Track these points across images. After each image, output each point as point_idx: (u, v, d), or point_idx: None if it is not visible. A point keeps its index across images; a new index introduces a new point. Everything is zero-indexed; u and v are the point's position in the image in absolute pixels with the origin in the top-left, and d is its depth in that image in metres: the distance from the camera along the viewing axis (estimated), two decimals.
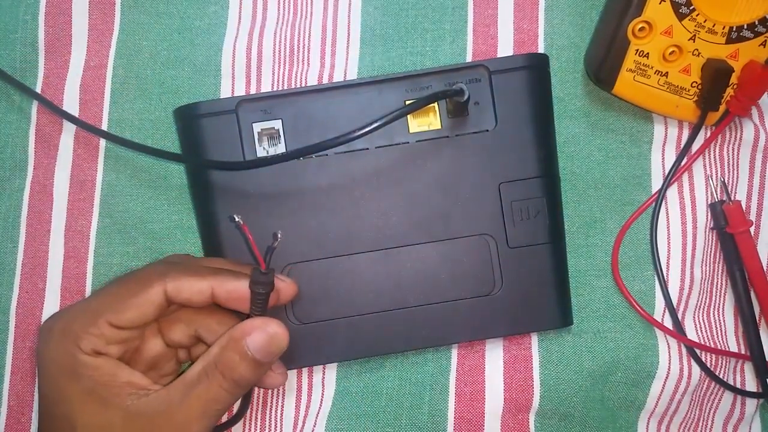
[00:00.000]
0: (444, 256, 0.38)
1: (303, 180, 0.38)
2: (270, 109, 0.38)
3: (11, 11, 0.42)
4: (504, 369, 0.39)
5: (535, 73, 0.39)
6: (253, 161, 0.37)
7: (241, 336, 0.33)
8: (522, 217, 0.38)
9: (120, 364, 0.33)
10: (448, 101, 0.38)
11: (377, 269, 0.38)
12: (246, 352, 0.33)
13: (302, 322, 0.38)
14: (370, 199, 0.38)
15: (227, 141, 0.38)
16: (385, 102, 0.38)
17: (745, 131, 0.42)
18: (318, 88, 0.38)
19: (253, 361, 0.33)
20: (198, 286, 0.34)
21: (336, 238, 0.38)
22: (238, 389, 0.33)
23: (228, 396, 0.33)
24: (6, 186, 0.42)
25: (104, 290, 0.35)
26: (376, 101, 0.38)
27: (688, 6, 0.38)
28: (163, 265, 0.35)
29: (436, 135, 0.38)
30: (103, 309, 0.33)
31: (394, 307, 0.38)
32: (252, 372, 0.33)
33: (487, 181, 0.38)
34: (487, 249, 0.38)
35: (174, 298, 0.34)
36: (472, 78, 0.38)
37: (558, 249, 0.39)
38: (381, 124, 0.34)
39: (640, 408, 0.40)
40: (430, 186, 0.38)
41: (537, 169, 0.38)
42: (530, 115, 0.38)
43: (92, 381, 0.33)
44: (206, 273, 0.34)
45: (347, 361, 0.40)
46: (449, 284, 0.38)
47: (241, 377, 0.33)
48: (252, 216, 0.38)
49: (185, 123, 0.39)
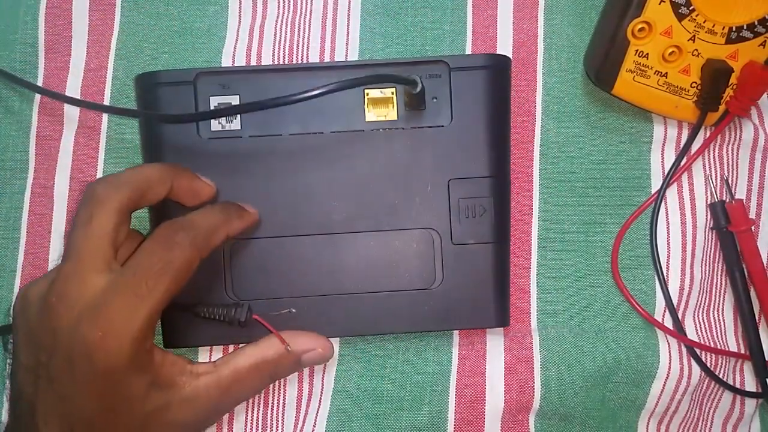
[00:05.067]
0: (387, 246, 0.39)
1: (255, 158, 0.38)
2: (228, 84, 0.38)
3: (11, 12, 0.42)
4: (505, 370, 0.39)
5: (494, 74, 0.39)
6: (202, 113, 0.38)
7: (301, 353, 0.37)
8: (468, 215, 0.39)
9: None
10: (406, 94, 0.38)
11: (320, 253, 0.39)
12: (299, 364, 0.37)
13: (241, 299, 0.38)
14: (320, 183, 0.38)
15: (183, 112, 0.38)
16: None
17: (744, 131, 0.42)
18: (278, 67, 0.39)
19: (299, 369, 0.39)
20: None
21: (282, 219, 0.38)
22: (272, 383, 0.39)
23: (263, 388, 0.38)
24: (7, 188, 0.42)
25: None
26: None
27: (687, 6, 0.38)
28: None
29: (392, 126, 0.39)
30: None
31: (333, 293, 0.39)
32: (291, 373, 0.39)
33: (437, 177, 0.39)
34: (430, 243, 0.39)
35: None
36: (432, 73, 0.39)
37: (501, 249, 0.39)
38: (325, 91, 0.34)
39: (640, 408, 0.40)
40: (380, 176, 0.39)
41: (487, 168, 0.39)
42: (485, 115, 0.39)
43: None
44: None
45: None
46: (390, 275, 0.39)
47: (281, 377, 0.39)
48: None
49: (143, 90, 0.39)
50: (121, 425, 0.33)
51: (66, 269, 0.33)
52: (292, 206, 0.38)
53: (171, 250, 0.33)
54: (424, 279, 0.39)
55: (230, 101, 0.39)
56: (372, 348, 0.40)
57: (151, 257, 0.33)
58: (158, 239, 0.33)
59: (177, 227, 0.34)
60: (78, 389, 0.32)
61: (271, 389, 0.40)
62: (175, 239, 0.33)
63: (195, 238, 0.34)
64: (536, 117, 0.42)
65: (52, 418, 0.33)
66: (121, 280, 0.32)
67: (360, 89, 0.38)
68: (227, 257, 0.38)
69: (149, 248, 0.33)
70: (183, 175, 0.37)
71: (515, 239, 0.41)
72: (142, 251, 0.33)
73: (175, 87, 0.38)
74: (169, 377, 0.34)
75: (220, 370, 0.36)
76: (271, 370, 0.37)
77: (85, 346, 0.31)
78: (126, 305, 0.32)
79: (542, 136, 0.42)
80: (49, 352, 0.33)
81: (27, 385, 0.34)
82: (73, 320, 0.32)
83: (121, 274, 0.33)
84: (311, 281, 0.39)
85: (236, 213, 0.37)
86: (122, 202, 0.34)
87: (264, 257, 0.39)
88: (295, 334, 0.37)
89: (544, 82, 0.42)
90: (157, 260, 0.33)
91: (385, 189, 0.39)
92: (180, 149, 0.38)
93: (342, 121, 0.39)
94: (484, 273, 0.39)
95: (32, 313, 0.34)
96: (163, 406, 0.34)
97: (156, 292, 0.32)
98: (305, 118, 0.39)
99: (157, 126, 0.39)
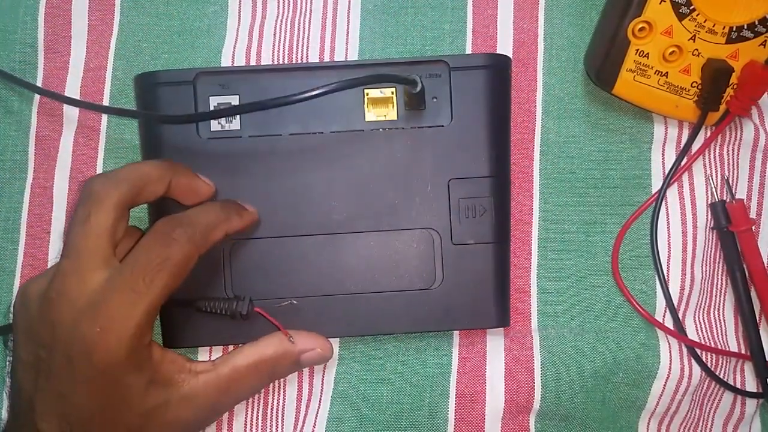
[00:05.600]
0: (387, 246, 0.39)
1: (255, 158, 0.38)
2: (228, 84, 0.38)
3: (11, 12, 0.42)
4: (505, 370, 0.39)
5: (494, 73, 0.39)
6: (201, 114, 0.38)
7: (300, 352, 0.37)
8: (468, 215, 0.39)
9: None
10: (406, 93, 0.38)
11: (320, 253, 0.39)
12: (298, 364, 0.37)
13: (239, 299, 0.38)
14: (320, 183, 0.38)
15: (183, 112, 0.38)
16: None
17: (745, 131, 0.42)
18: (278, 67, 0.39)
19: (298, 369, 0.38)
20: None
21: (282, 219, 0.38)
22: (271, 383, 0.39)
23: (262, 387, 0.38)
24: (6, 188, 0.42)
25: None
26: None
27: (688, 6, 0.38)
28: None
29: (392, 126, 0.39)
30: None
31: (333, 293, 0.39)
32: (290, 373, 0.39)
33: (437, 176, 0.39)
34: (430, 243, 0.39)
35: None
36: (432, 73, 0.39)
37: (501, 249, 0.39)
38: (326, 92, 0.34)
39: (640, 408, 0.40)
40: (380, 176, 0.39)
41: (488, 168, 0.39)
42: (486, 115, 0.39)
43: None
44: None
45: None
46: (390, 275, 0.39)
47: (281, 377, 0.39)
48: None
49: (143, 90, 0.39)
50: (120, 423, 0.33)
51: (65, 266, 0.33)
52: (291, 206, 0.38)
53: (169, 246, 0.33)
54: (424, 279, 0.39)
55: (230, 101, 0.39)
56: (372, 348, 0.40)
57: (149, 253, 0.33)
58: (156, 235, 0.33)
59: (175, 223, 0.34)
60: (76, 385, 0.32)
61: (271, 389, 0.40)
62: (172, 235, 0.33)
63: (193, 235, 0.34)
64: (536, 117, 0.42)
65: (50, 416, 0.33)
66: (119, 276, 0.32)
67: (360, 89, 0.38)
68: (227, 257, 0.38)
69: (147, 244, 0.33)
70: (182, 172, 0.36)
71: (515, 239, 0.41)
72: (139, 247, 0.33)
73: (174, 87, 0.38)
74: (168, 375, 0.34)
75: (219, 368, 0.36)
76: (270, 369, 0.37)
77: (84, 342, 0.31)
78: (124, 301, 0.32)
79: (542, 135, 0.42)
80: (48, 348, 0.33)
81: (26, 382, 0.34)
82: (72, 316, 0.32)
83: (119, 270, 0.32)
84: (311, 281, 0.39)
85: (236, 211, 0.37)
86: (120, 198, 0.34)
87: (264, 257, 0.38)
88: (295, 333, 0.37)
89: (544, 81, 0.42)
90: (155, 256, 0.32)
91: (385, 189, 0.39)
92: (180, 149, 0.38)
93: (342, 121, 0.39)
94: (484, 273, 0.39)
95: (32, 309, 0.34)
96: (162, 404, 0.34)
97: (154, 288, 0.32)
98: (305, 118, 0.39)
99: (157, 126, 0.39)
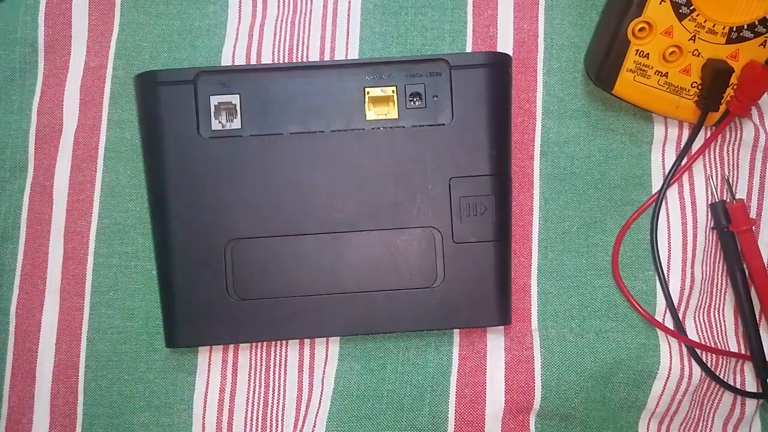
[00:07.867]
0: (389, 245, 0.39)
1: (256, 157, 0.39)
2: (229, 83, 0.39)
3: (11, 12, 0.42)
4: (505, 370, 0.39)
5: (495, 72, 0.39)
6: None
7: None
8: (469, 214, 0.39)
9: None
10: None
11: (322, 252, 0.39)
12: None
13: (242, 299, 0.38)
14: (322, 182, 0.39)
15: (183, 111, 0.38)
16: (344, 86, 0.39)
17: (745, 131, 0.42)
18: (279, 66, 0.39)
19: None
20: None
21: (284, 218, 0.39)
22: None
23: None
24: (6, 187, 0.42)
25: None
26: (335, 85, 0.39)
27: (688, 6, 0.38)
28: None
29: (393, 124, 0.39)
30: None
31: (335, 291, 0.39)
32: None
33: (438, 175, 0.39)
34: (432, 242, 0.39)
35: None
36: (433, 71, 0.39)
37: (502, 248, 0.39)
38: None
39: (641, 408, 0.40)
40: (381, 174, 0.39)
41: (488, 167, 0.39)
42: (486, 113, 0.39)
43: None
44: None
45: (285, 340, 0.40)
46: (391, 273, 0.39)
47: None
48: (202, 188, 0.38)
49: (144, 90, 0.39)
50: None
51: None
52: (292, 205, 0.38)
53: None
54: (426, 277, 0.39)
55: (230, 100, 0.39)
56: (372, 348, 0.40)
57: None
58: None
59: None
60: None
61: (271, 389, 0.40)
62: None
63: None
64: (537, 117, 0.42)
65: None
66: None
67: (361, 85, 0.39)
68: (228, 256, 0.38)
69: None
70: None
71: (516, 239, 0.41)
72: None
73: (175, 86, 0.38)
74: None
75: None
76: None
77: None
78: None
79: (543, 135, 0.42)
80: None
81: None
82: None
83: None
84: (313, 280, 0.39)
85: None
86: None
87: (265, 256, 0.38)
88: None
89: (544, 81, 0.42)
90: None
91: (386, 187, 0.39)
92: (181, 148, 0.38)
93: (343, 120, 0.39)
94: (485, 271, 0.39)
95: None
96: None
97: None
98: (306, 117, 0.39)
99: (158, 125, 0.39)
